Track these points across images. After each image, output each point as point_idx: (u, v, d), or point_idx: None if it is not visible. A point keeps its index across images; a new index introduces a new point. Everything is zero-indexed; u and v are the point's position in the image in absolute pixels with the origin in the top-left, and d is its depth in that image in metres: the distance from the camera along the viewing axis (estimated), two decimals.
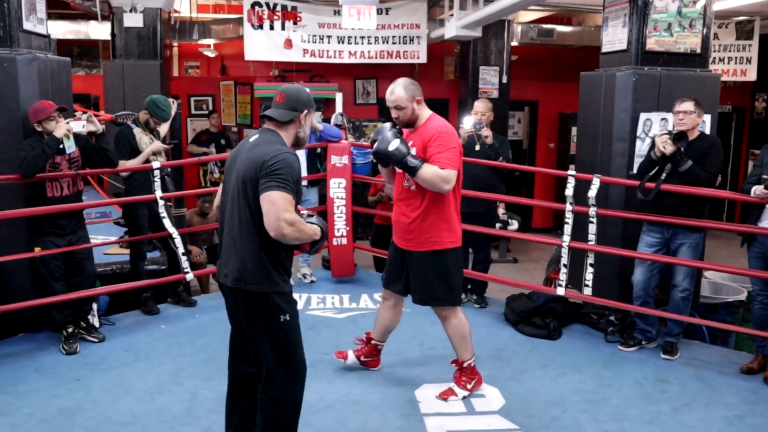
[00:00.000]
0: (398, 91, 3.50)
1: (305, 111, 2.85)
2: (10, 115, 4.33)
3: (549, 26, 9.86)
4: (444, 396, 3.73)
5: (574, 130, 9.98)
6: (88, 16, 9.18)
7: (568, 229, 4.68)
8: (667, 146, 4.20)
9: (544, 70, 11.18)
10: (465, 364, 3.77)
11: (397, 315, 4.02)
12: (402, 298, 3.91)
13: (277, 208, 2.58)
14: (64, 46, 9.94)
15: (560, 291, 4.73)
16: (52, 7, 8.28)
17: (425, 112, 3.59)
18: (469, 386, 3.75)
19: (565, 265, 4.70)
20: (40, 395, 3.74)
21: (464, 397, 3.72)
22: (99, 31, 9.63)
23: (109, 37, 8.75)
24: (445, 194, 3.50)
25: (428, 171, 3.38)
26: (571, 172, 4.72)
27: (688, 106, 4.26)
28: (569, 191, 4.65)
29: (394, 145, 3.41)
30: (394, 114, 3.55)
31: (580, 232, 4.72)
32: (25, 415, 3.50)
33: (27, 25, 4.57)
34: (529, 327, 4.82)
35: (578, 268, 4.80)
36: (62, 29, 9.65)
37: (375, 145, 3.50)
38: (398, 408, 3.63)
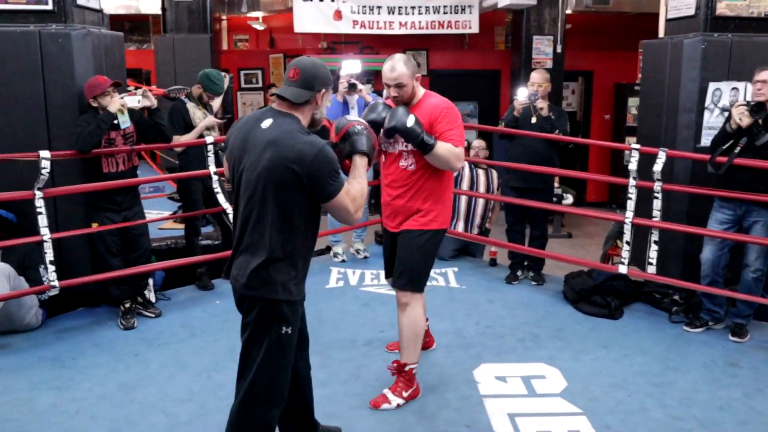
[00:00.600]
0: (399, 68, 3.27)
1: (322, 90, 2.50)
2: (66, 91, 4.34)
3: None
4: (375, 404, 3.36)
5: (631, 101, 9.65)
6: None
7: (631, 204, 4.50)
8: (743, 118, 3.97)
9: (599, 39, 10.81)
10: (407, 368, 3.42)
11: None
12: None
13: (348, 210, 2.46)
14: (115, 21, 9.99)
15: (622, 269, 4.56)
16: None
17: (420, 90, 3.40)
18: (405, 394, 3.39)
19: (627, 242, 4.53)
20: (99, 370, 3.77)
21: (398, 406, 3.35)
22: (149, 5, 9.65)
23: (159, 12, 8.78)
24: (449, 173, 3.38)
25: (443, 148, 3.21)
26: (635, 145, 4.52)
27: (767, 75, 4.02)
28: (633, 165, 4.46)
29: (412, 121, 3.19)
30: (393, 92, 3.31)
31: (641, 208, 4.53)
32: (86, 390, 3.54)
33: (80, 0, 4.56)
34: (589, 305, 4.67)
35: (641, 245, 4.63)
36: (113, 4, 9.69)
37: (391, 122, 3.21)
38: (456, 389, 3.56)
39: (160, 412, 3.31)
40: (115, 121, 4.19)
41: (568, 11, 9.28)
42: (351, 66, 5.70)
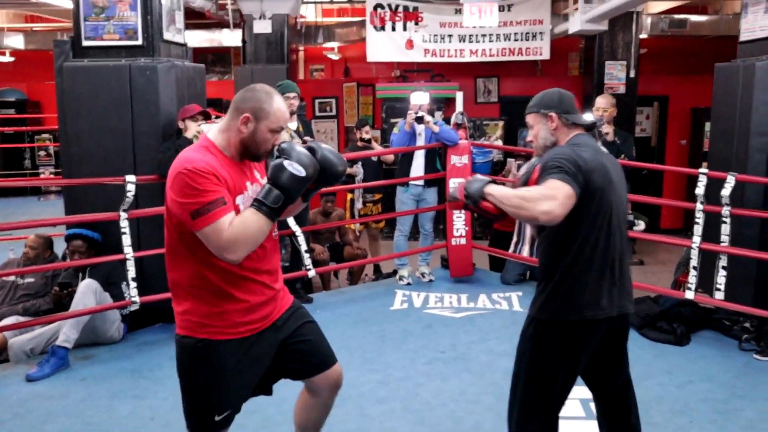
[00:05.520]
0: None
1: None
2: (151, 120, 4.66)
3: (682, 16, 9.37)
4: None
5: (707, 126, 9.41)
6: (222, 24, 9.71)
7: (698, 229, 4.44)
8: None
9: (675, 63, 10.63)
10: None
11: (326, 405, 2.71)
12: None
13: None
14: (200, 54, 10.55)
15: (689, 294, 4.49)
16: (189, 17, 8.85)
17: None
18: None
19: (695, 267, 4.46)
20: (174, 381, 3.87)
21: None
22: (231, 38, 10.14)
23: (240, 44, 9.23)
24: None
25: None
26: (703, 170, 4.47)
27: None
28: (700, 190, 4.41)
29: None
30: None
31: (712, 234, 4.46)
32: (161, 399, 3.76)
33: (167, 36, 4.91)
34: (654, 332, 4.61)
35: (709, 271, 4.54)
36: (198, 38, 10.26)
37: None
38: None
39: None
40: None
41: (643, 35, 9.19)
42: (419, 98, 5.84)
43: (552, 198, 2.19)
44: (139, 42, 4.73)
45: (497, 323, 4.90)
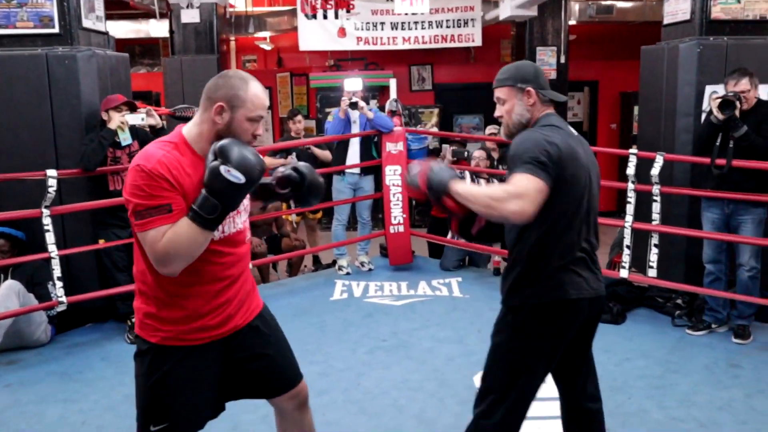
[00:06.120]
0: None
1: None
2: (72, 111, 4.47)
3: (608, 2, 9.54)
4: None
5: (636, 110, 9.66)
6: (148, 14, 9.38)
7: (630, 209, 4.53)
8: (718, 113, 4.03)
9: (604, 49, 10.84)
10: None
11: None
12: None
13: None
14: (127, 46, 10.18)
15: (623, 274, 4.58)
16: (113, 8, 8.52)
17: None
18: None
19: (628, 246, 4.55)
20: (106, 383, 3.84)
21: None
22: (158, 29, 9.82)
23: (168, 35, 8.94)
24: None
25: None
26: (633, 150, 4.56)
27: (745, 84, 4.08)
28: (631, 170, 4.49)
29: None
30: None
31: (643, 214, 4.55)
32: (93, 402, 3.60)
33: (86, 23, 4.69)
34: None
35: (642, 250, 4.64)
36: (124, 29, 9.89)
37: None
38: (457, 394, 3.58)
39: None
40: (117, 139, 4.29)
41: (572, 22, 9.32)
42: (352, 84, 5.80)
43: (521, 196, 2.07)
44: (56, 30, 4.51)
45: (438, 309, 4.89)
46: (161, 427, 2.16)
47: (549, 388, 3.44)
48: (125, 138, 4.36)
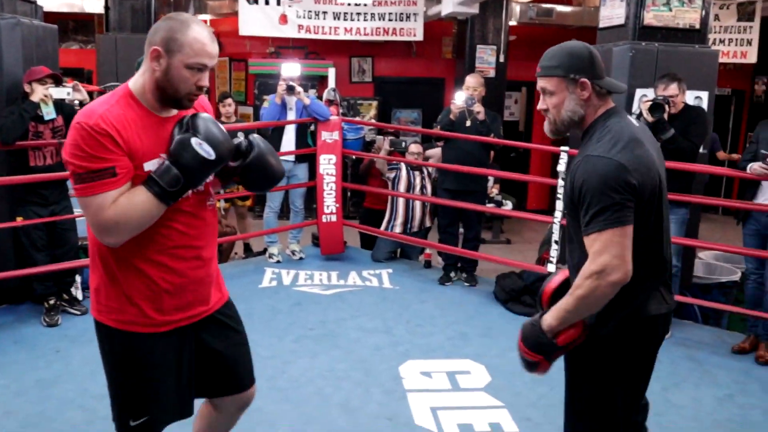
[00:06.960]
0: None
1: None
2: None
3: (548, 6, 9.72)
4: None
5: None
6: None
7: (559, 205, 4.62)
8: (648, 116, 4.15)
9: (542, 51, 10.89)
10: None
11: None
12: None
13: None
14: (60, 20, 9.78)
15: (551, 268, 4.66)
16: None
17: None
18: None
19: (556, 242, 4.64)
20: (18, 367, 3.67)
21: None
22: (93, 4, 9.47)
23: (102, 11, 8.63)
24: None
25: None
26: (564, 148, 4.64)
27: (674, 89, 4.21)
28: (561, 167, 4.58)
29: None
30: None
31: None
32: (1, 387, 3.43)
33: None
34: (519, 305, 4.75)
35: None
36: (57, 2, 9.49)
37: None
38: (382, 384, 3.57)
39: (78, 408, 3.23)
40: (39, 113, 4.10)
41: (513, 22, 9.45)
42: (290, 69, 5.73)
43: (612, 265, 1.76)
44: None
45: (367, 300, 4.87)
46: (142, 421, 2.00)
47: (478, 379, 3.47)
48: (48, 112, 4.16)
